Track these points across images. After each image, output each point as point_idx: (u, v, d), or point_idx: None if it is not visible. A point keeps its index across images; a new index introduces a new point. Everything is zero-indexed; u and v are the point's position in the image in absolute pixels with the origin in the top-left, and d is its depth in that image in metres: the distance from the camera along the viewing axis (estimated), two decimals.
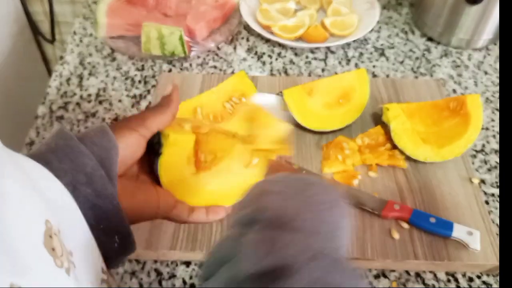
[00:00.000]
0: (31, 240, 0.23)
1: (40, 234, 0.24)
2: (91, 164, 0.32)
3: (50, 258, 0.24)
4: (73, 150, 0.33)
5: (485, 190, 0.60)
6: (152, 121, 0.39)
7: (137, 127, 0.38)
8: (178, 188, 0.41)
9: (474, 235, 0.52)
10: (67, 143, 0.33)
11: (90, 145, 0.34)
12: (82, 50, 0.81)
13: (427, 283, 0.52)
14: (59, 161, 0.31)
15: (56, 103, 0.72)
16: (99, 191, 0.32)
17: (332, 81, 0.67)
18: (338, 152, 0.61)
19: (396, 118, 0.61)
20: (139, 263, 0.53)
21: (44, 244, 0.23)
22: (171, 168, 0.41)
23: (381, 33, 0.85)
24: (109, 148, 0.34)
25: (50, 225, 0.25)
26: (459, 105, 0.62)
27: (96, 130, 0.36)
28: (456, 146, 0.60)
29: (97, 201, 0.32)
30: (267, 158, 0.46)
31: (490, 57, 0.80)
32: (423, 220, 0.53)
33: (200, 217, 0.42)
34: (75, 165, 0.32)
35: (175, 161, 0.41)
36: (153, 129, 0.39)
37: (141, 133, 0.38)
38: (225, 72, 0.77)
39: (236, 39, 0.83)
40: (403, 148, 0.60)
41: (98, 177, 0.32)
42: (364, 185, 0.58)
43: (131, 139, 0.37)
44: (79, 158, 0.32)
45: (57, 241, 0.25)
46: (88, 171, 0.32)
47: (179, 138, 0.41)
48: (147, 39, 0.76)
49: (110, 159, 0.34)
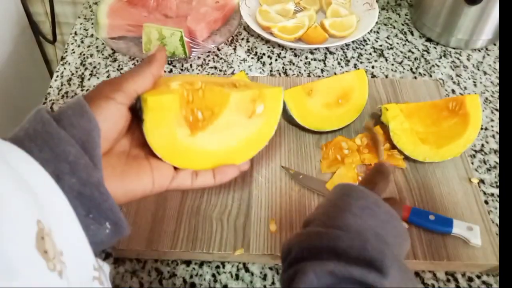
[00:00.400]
0: (22, 243, 0.22)
1: (32, 236, 0.22)
2: (74, 152, 0.30)
3: (43, 262, 0.22)
4: (53, 137, 0.30)
5: (484, 190, 0.60)
6: (130, 85, 0.35)
7: (112, 94, 0.34)
8: (174, 154, 0.37)
9: (474, 230, 0.52)
10: (45, 128, 0.31)
11: (69, 128, 0.31)
12: (83, 50, 0.82)
13: (427, 283, 0.52)
14: (39, 150, 0.29)
15: (57, 103, 0.73)
16: (84, 180, 0.30)
17: (332, 81, 0.67)
18: (337, 152, 0.61)
19: (395, 119, 0.61)
20: (140, 262, 0.54)
21: (36, 247, 0.22)
22: (160, 134, 0.37)
23: (380, 34, 0.85)
24: (90, 130, 0.32)
25: (42, 226, 0.24)
26: (458, 105, 0.62)
27: (73, 107, 0.33)
28: (455, 146, 0.60)
29: (83, 190, 0.30)
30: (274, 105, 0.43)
31: (489, 58, 0.80)
32: (423, 218, 0.53)
33: (206, 181, 0.39)
34: (56, 154, 0.30)
35: (162, 125, 0.37)
36: (131, 94, 0.35)
37: (119, 101, 0.34)
38: (225, 73, 0.77)
39: (236, 40, 0.84)
40: (402, 148, 0.60)
41: (82, 165, 0.30)
42: None
43: (109, 110, 0.34)
44: (60, 146, 0.30)
45: (49, 242, 0.24)
46: (71, 160, 0.30)
47: (160, 99, 0.36)
48: (147, 40, 0.76)
49: (92, 142, 0.32)
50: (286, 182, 0.58)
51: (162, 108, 0.37)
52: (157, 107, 0.36)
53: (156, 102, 0.36)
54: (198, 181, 0.38)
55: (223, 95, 0.40)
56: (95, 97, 0.34)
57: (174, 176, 0.38)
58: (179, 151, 0.38)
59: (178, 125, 0.38)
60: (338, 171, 0.59)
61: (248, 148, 0.42)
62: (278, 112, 0.44)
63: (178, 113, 0.38)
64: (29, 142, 0.30)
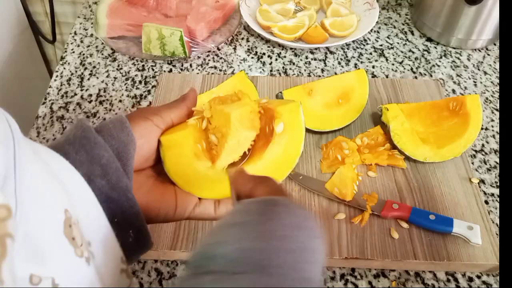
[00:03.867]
0: (51, 228, 0.23)
1: (60, 223, 0.23)
2: (107, 156, 0.32)
3: (71, 247, 0.23)
4: (90, 141, 0.32)
5: (484, 190, 0.60)
6: (167, 113, 0.38)
7: (151, 117, 0.37)
8: (196, 186, 0.38)
9: (474, 229, 0.52)
10: (84, 134, 0.33)
11: (107, 138, 0.33)
12: (83, 50, 0.82)
13: (427, 283, 0.52)
14: (75, 152, 0.31)
15: (57, 103, 0.72)
16: (113, 183, 0.32)
17: (332, 81, 0.67)
18: (337, 152, 0.61)
19: (396, 119, 0.61)
20: (140, 263, 0.53)
21: (64, 233, 0.23)
22: (181, 171, 0.38)
23: (381, 33, 0.85)
24: (127, 142, 0.34)
25: (69, 215, 0.25)
26: (458, 105, 0.62)
27: (115, 122, 0.35)
28: (455, 146, 0.60)
29: (111, 193, 0.31)
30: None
31: (490, 57, 0.80)
32: (423, 217, 0.53)
33: (229, 207, 0.39)
34: (91, 157, 0.31)
35: (180, 162, 0.38)
36: (167, 121, 0.38)
37: (156, 123, 0.37)
38: (225, 73, 0.77)
39: (236, 40, 0.84)
40: (403, 148, 0.60)
41: (113, 169, 0.32)
42: (364, 185, 0.58)
43: (145, 129, 0.36)
44: (94, 150, 0.32)
45: (77, 230, 0.25)
46: (103, 163, 0.32)
47: (173, 137, 0.38)
48: (147, 40, 0.76)
49: (127, 153, 0.34)
50: (286, 182, 0.58)
51: (177, 146, 0.38)
52: (173, 145, 0.38)
53: (170, 141, 0.38)
54: (221, 209, 0.39)
55: (225, 115, 0.40)
56: (134, 116, 0.37)
57: (197, 204, 0.39)
58: (201, 183, 0.39)
59: (196, 158, 0.39)
60: (338, 171, 0.59)
61: (276, 170, 0.40)
62: (301, 128, 0.41)
63: (194, 146, 0.39)
64: (67, 145, 0.32)
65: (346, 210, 0.56)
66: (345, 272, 0.53)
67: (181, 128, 0.39)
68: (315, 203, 0.56)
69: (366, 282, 0.52)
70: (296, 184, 0.58)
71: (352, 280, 0.52)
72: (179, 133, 0.38)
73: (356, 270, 0.53)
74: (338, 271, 0.53)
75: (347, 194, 0.55)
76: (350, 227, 0.54)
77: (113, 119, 0.35)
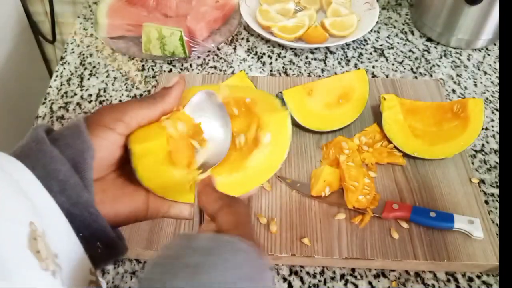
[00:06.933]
0: (14, 242, 0.22)
1: (24, 236, 0.23)
2: (64, 170, 0.30)
3: (35, 261, 0.23)
4: (45, 155, 0.30)
5: (484, 190, 0.60)
6: (133, 116, 0.34)
7: (113, 124, 0.33)
8: (174, 193, 0.36)
9: (475, 223, 0.52)
10: (39, 147, 0.31)
11: (64, 148, 0.31)
12: (83, 50, 0.82)
13: (427, 283, 0.52)
14: (32, 168, 0.29)
15: (57, 103, 0.72)
16: (74, 199, 0.30)
17: (332, 81, 0.67)
18: (337, 152, 0.61)
19: (391, 109, 0.61)
20: (139, 263, 0.53)
21: (28, 247, 0.23)
22: (156, 178, 0.35)
23: (381, 33, 0.85)
24: (83, 151, 0.31)
25: (35, 227, 0.24)
26: (461, 108, 0.63)
27: (72, 127, 0.32)
28: (448, 147, 0.60)
29: (73, 209, 0.30)
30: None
31: (490, 57, 0.80)
32: (424, 215, 0.53)
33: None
34: (47, 172, 0.30)
35: (156, 170, 0.35)
36: (132, 126, 0.34)
37: (118, 131, 0.33)
38: (225, 73, 0.77)
39: (236, 40, 0.83)
40: (392, 138, 0.60)
41: (72, 185, 0.30)
42: None
43: (104, 140, 0.33)
44: (51, 165, 0.30)
45: (42, 243, 0.24)
46: (61, 179, 0.30)
47: (146, 146, 0.34)
48: (147, 40, 0.76)
49: (83, 163, 0.31)
50: (285, 188, 0.58)
51: (151, 153, 0.35)
52: (146, 153, 0.34)
53: (143, 150, 0.34)
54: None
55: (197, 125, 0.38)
56: (94, 123, 0.33)
57: (171, 205, 0.37)
58: (176, 188, 0.36)
59: (171, 165, 0.36)
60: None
61: (254, 178, 0.39)
62: (287, 137, 0.40)
63: (168, 153, 0.36)
64: (24, 159, 0.29)
65: (346, 211, 0.56)
66: (345, 272, 0.53)
67: (153, 132, 0.35)
68: (314, 204, 0.56)
69: (366, 282, 0.52)
70: (294, 191, 0.58)
71: (352, 280, 0.52)
72: (153, 142, 0.35)
73: (356, 270, 0.53)
74: (338, 271, 0.53)
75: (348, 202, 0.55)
76: (350, 227, 0.54)
77: (70, 124, 0.33)
